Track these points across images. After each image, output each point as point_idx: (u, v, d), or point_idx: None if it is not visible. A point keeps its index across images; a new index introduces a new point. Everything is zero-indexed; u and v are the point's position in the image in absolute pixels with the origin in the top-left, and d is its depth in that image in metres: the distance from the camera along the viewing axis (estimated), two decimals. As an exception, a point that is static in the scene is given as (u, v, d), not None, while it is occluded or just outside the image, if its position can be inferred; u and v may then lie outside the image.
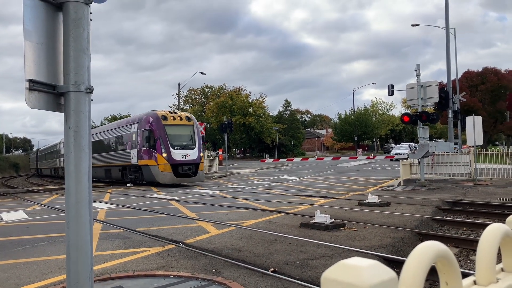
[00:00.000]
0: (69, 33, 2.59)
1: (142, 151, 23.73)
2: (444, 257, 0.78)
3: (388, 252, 6.77)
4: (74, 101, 2.60)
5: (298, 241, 7.45)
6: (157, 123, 22.97)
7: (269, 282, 5.23)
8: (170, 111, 25.42)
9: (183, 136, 23.56)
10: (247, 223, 9.41)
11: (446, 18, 24.78)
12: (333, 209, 11.36)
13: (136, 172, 25.10)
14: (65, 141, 2.64)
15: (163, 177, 22.32)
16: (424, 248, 0.75)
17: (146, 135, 23.37)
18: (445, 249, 0.78)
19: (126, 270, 5.83)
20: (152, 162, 22.82)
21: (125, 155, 26.14)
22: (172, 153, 22.35)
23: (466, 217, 10.46)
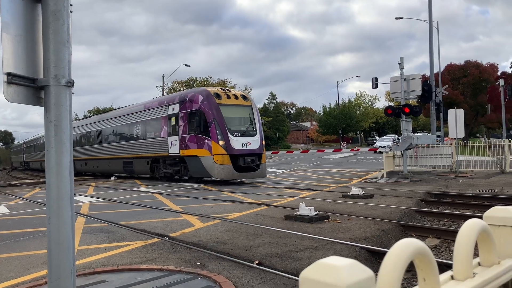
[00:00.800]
0: (48, 25, 2.53)
1: (188, 138, 18.84)
2: (422, 254, 0.79)
3: (371, 243, 6.86)
4: (55, 94, 2.55)
5: (282, 233, 7.49)
6: (210, 102, 18.07)
7: (254, 275, 5.26)
8: (221, 87, 20.39)
9: (242, 119, 18.92)
10: (232, 216, 9.42)
11: (430, 11, 25.01)
12: (317, 201, 11.44)
13: (176, 165, 20.34)
14: (45, 135, 2.60)
15: (220, 171, 17.51)
16: (401, 246, 0.76)
17: (195, 118, 18.40)
18: (422, 246, 0.79)
19: (110, 264, 5.79)
20: (203, 152, 18.01)
21: (158, 144, 21.29)
22: (231, 141, 17.58)
23: (448, 208, 10.64)
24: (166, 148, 20.43)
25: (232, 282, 4.95)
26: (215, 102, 18.08)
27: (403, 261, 0.73)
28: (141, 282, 4.99)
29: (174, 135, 19.83)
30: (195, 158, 18.48)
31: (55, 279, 2.49)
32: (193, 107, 18.65)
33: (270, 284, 4.94)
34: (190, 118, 18.80)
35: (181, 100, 19.73)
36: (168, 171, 20.99)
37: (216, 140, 17.52)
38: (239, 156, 17.71)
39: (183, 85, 54.62)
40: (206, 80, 55.66)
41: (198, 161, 18.34)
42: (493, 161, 20.10)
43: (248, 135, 18.31)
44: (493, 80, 53.73)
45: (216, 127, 17.60)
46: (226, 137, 17.52)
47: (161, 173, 21.56)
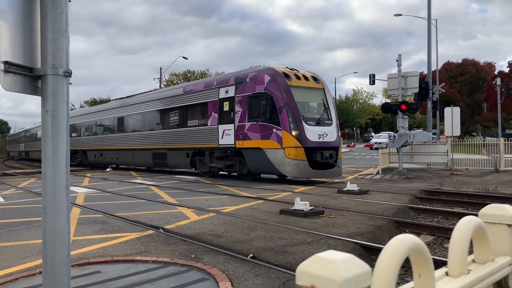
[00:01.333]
0: (46, 14, 2.52)
1: (248, 127, 15.48)
2: (418, 250, 0.79)
3: (366, 239, 6.89)
4: (52, 84, 2.54)
5: (277, 227, 7.52)
6: (279, 83, 14.82)
7: (248, 268, 5.28)
8: (288, 67, 16.31)
9: (316, 105, 15.92)
10: (228, 209, 9.44)
11: (428, 9, 24.99)
12: (312, 196, 11.47)
13: (227, 158, 17.10)
14: (42, 125, 2.59)
15: (293, 167, 14.32)
16: (397, 241, 0.77)
17: (259, 102, 15.02)
18: (418, 242, 0.80)
19: (104, 255, 5.80)
20: (270, 144, 14.77)
21: (203, 133, 17.93)
22: (307, 131, 14.50)
23: (442, 205, 10.70)
24: (215, 138, 17.11)
25: (226, 275, 4.97)
26: (285, 84, 14.84)
27: (399, 257, 0.74)
28: (136, 273, 5.00)
29: (227, 123, 16.49)
30: (258, 151, 15.16)
31: (49, 269, 2.49)
32: (256, 89, 15.29)
33: (264, 277, 4.96)
34: (252, 103, 15.42)
35: (238, 81, 16.26)
36: (216, 165, 17.64)
37: (288, 130, 14.32)
38: (315, 150, 14.66)
39: (181, 77, 54.47)
40: (203, 73, 55.51)
41: (262, 155, 15.05)
42: (488, 159, 20.20)
43: (324, 125, 15.21)
44: (490, 79, 53.91)
45: (287, 114, 14.36)
46: (300, 126, 14.42)
47: (205, 168, 18.35)
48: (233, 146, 16.24)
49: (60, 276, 2.53)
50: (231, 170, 17.20)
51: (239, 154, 16.32)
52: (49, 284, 2.49)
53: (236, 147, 16.13)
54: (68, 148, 2.63)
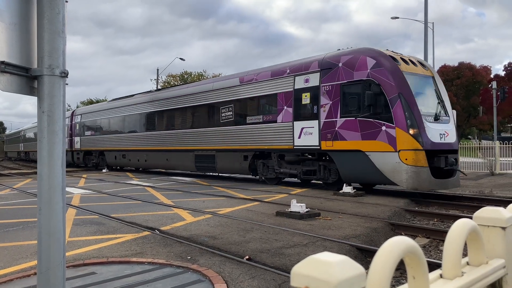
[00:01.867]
0: (43, 14, 2.51)
1: (341, 124, 12.44)
2: (412, 252, 0.80)
3: (361, 241, 6.90)
4: (48, 85, 2.54)
5: (273, 229, 7.52)
6: (389, 68, 11.83)
7: (244, 270, 5.27)
8: (388, 49, 13.38)
9: (429, 96, 12.71)
10: (224, 211, 9.43)
11: (425, 12, 25.09)
12: (308, 198, 11.48)
13: (306, 162, 13.96)
14: (38, 125, 2.58)
15: (412, 176, 11.20)
16: (392, 244, 0.77)
17: (362, 92, 12.02)
18: (413, 244, 0.80)
19: (100, 256, 5.78)
20: (377, 146, 11.70)
21: (270, 131, 14.72)
22: (427, 129, 11.48)
23: (437, 208, 10.73)
24: (289, 138, 14.01)
25: (222, 276, 4.96)
26: (397, 69, 11.89)
27: (393, 259, 0.74)
28: (131, 274, 4.99)
29: (308, 119, 13.44)
30: (357, 155, 12.11)
31: (44, 270, 2.48)
32: (355, 76, 12.29)
33: (260, 279, 4.96)
34: (347, 94, 12.45)
35: (325, 66, 13.18)
36: (288, 171, 14.57)
37: (404, 128, 11.30)
38: (438, 153, 11.62)
39: (178, 78, 54.42)
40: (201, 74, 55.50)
41: (365, 160, 11.93)
42: (483, 162, 20.28)
43: (442, 121, 12.22)
44: (486, 83, 54.15)
45: (403, 107, 11.36)
46: (420, 123, 11.42)
47: (271, 174, 15.36)
48: (316, 148, 13.20)
49: (55, 277, 2.52)
50: (310, 177, 14.25)
51: (324, 157, 13.49)
52: (44, 286, 2.48)
53: (320, 149, 13.09)
54: (64, 149, 2.63)
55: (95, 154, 27.78)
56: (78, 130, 29.75)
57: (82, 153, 29.32)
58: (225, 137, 16.79)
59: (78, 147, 29.67)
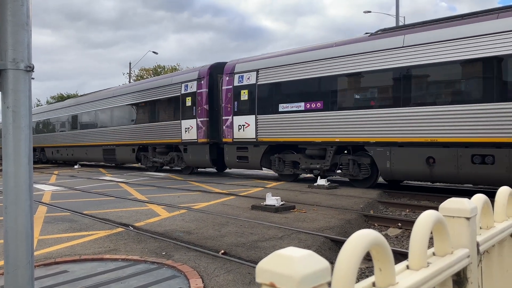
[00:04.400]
0: (6, 6, 2.42)
1: None
2: (378, 245, 0.81)
3: (335, 233, 6.99)
4: (13, 79, 2.45)
5: (249, 223, 7.53)
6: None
7: (219, 264, 5.27)
8: None
9: None
10: (199, 206, 9.39)
11: (397, 6, 25.50)
12: (284, 191, 11.55)
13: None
14: (2, 121, 2.50)
15: None
16: (358, 237, 0.78)
17: None
18: (378, 237, 0.81)
19: (72, 254, 5.67)
20: None
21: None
22: None
23: (409, 199, 10.96)
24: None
25: (197, 271, 4.94)
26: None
27: (359, 252, 0.75)
28: (104, 272, 4.92)
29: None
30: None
31: (12, 270, 2.41)
32: None
33: (235, 273, 4.97)
34: None
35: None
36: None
37: None
38: None
39: (151, 72, 53.73)
40: (174, 68, 54.91)
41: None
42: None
43: None
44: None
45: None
46: None
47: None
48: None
49: (23, 277, 2.45)
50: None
51: None
52: (11, 286, 2.41)
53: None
54: (31, 145, 2.55)
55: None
56: None
57: None
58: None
59: None
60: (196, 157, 16.93)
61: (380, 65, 11.64)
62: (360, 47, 12.17)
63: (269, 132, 14.24)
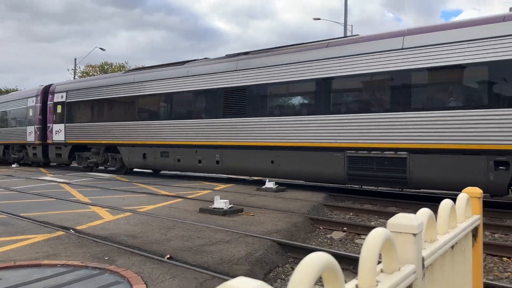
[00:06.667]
0: None
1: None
2: (330, 268, 0.80)
3: (282, 236, 7.05)
4: None
5: (196, 226, 7.44)
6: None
7: (165, 269, 5.15)
8: None
9: None
10: (145, 209, 9.16)
11: (345, 14, 26.24)
12: (232, 194, 11.52)
13: None
14: None
15: None
16: (310, 261, 0.76)
17: None
18: (330, 261, 0.80)
19: (6, 260, 5.33)
20: None
21: None
22: None
23: (353, 203, 11.28)
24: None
25: (141, 277, 4.81)
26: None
27: (311, 277, 0.73)
28: (41, 279, 4.66)
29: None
30: None
31: None
32: None
33: (181, 278, 4.88)
34: None
35: None
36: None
37: None
38: None
39: (97, 69, 51.98)
40: (122, 65, 53.46)
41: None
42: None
43: None
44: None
45: None
46: None
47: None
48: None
49: None
50: None
51: None
52: None
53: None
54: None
55: None
56: None
57: None
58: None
59: None
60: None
61: None
62: None
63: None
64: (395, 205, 10.69)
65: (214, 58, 15.60)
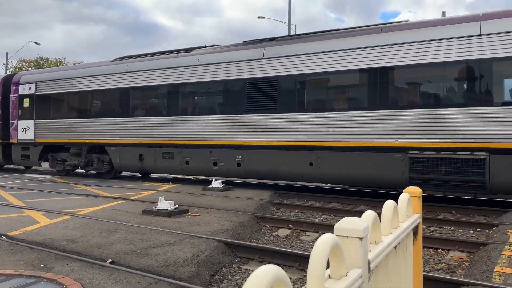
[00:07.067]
0: None
1: None
2: (280, 281, 0.77)
3: (229, 236, 7.02)
4: None
5: (139, 229, 7.23)
6: None
7: (106, 275, 4.96)
8: None
9: None
10: (85, 211, 8.79)
11: (289, 14, 26.61)
12: (177, 194, 11.33)
13: None
14: None
15: None
16: (259, 275, 0.73)
17: None
18: (279, 273, 0.78)
19: None
20: None
21: None
22: None
23: (299, 200, 11.46)
24: None
25: (81, 284, 4.60)
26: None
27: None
28: (-31, 291, 4.33)
29: None
30: None
31: None
32: None
33: (124, 283, 4.71)
34: None
35: None
36: None
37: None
38: None
39: (31, 64, 49.31)
40: (59, 61, 51.07)
41: None
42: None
43: None
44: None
45: None
46: None
47: None
48: None
49: None
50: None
51: None
52: None
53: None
54: None
55: None
56: None
57: None
58: None
59: None
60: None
61: None
62: None
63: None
64: (338, 201, 10.98)
65: (227, 45, 13.71)
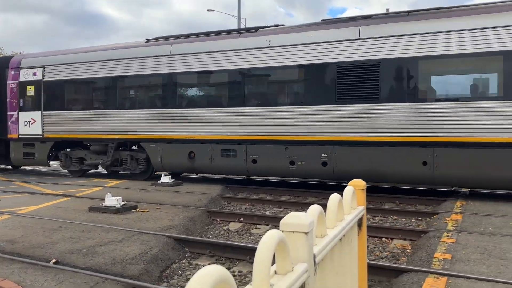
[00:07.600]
0: None
1: None
2: (224, 282, 0.77)
3: (179, 231, 6.95)
4: None
5: (85, 227, 7.00)
6: None
7: (50, 276, 4.77)
8: None
9: None
10: (26, 210, 8.38)
11: (238, 8, 26.57)
12: (125, 190, 11.05)
13: None
14: None
15: None
16: (201, 277, 0.73)
17: None
18: (223, 274, 0.77)
19: None
20: None
21: None
22: None
23: (249, 193, 11.52)
24: None
25: (22, 286, 4.40)
26: None
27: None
28: None
29: None
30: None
31: None
32: None
33: (69, 284, 4.56)
34: None
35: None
36: None
37: None
38: None
39: (-35, 54, 46.11)
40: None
41: None
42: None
43: None
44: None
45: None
46: None
47: None
48: None
49: None
50: None
51: None
52: None
53: None
54: None
55: None
56: None
57: None
58: None
59: None
60: None
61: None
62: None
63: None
64: (288, 194, 11.14)
65: (300, 24, 11.80)
